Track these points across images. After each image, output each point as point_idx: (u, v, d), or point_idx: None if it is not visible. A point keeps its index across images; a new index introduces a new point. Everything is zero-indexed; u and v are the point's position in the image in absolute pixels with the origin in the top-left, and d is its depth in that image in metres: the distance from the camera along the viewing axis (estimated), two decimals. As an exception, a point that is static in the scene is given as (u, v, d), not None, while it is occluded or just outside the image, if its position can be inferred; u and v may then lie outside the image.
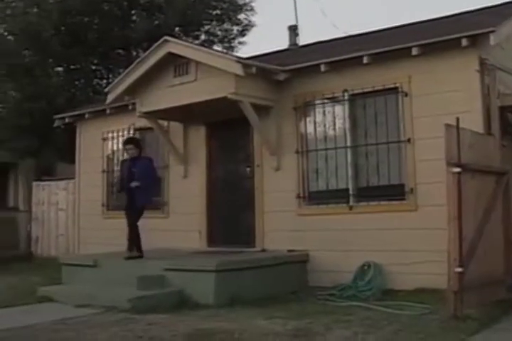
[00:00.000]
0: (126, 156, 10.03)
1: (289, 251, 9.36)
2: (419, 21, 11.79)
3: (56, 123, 13.94)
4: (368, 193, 8.98)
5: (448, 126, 6.59)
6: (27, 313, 7.68)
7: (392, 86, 8.78)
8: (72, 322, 6.96)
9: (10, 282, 10.97)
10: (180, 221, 10.99)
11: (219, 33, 19.54)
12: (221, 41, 19.51)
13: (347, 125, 9.23)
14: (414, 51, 8.34)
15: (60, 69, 17.79)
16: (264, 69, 9.42)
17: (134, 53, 17.86)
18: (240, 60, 9.13)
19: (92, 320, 7.07)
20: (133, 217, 9.15)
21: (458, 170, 6.48)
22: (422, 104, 8.48)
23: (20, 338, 6.15)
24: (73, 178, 13.94)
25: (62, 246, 14.58)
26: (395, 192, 8.71)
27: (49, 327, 6.66)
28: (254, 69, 9.09)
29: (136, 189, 8.96)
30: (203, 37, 19.37)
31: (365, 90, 8.99)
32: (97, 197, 12.77)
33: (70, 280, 9.28)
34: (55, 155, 16.61)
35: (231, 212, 10.55)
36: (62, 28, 17.18)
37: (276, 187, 9.84)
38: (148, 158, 9.60)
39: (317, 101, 9.55)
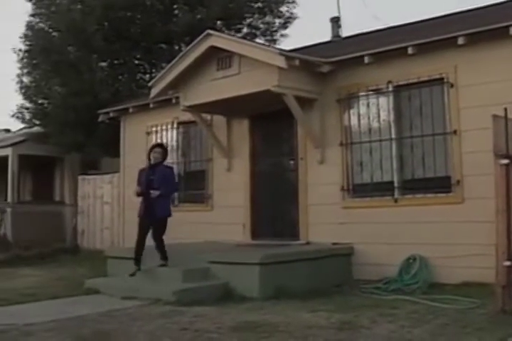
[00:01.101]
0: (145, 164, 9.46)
1: (334, 244, 9.33)
2: (464, 10, 11.60)
3: (101, 118, 14.14)
4: (414, 186, 8.89)
5: (496, 116, 6.48)
6: (74, 304, 7.84)
7: (437, 77, 8.66)
8: (118, 314, 7.06)
9: (57, 274, 11.21)
10: (224, 214, 11.06)
11: (261, 25, 19.47)
12: (263, 34, 19.46)
13: (391, 117, 9.13)
14: (460, 41, 8.21)
15: (103, 64, 17.94)
16: (307, 61, 9.38)
17: (177, 47, 17.93)
18: (283, 52, 9.12)
19: (138, 312, 7.15)
20: (157, 229, 8.73)
21: (506, 161, 6.37)
22: (468, 94, 8.35)
23: (67, 329, 6.24)
24: (118, 172, 14.12)
25: (107, 239, 14.79)
26: (441, 185, 8.60)
27: (95, 319, 6.77)
28: (297, 62, 9.06)
29: (155, 198, 8.61)
30: (245, 30, 19.34)
31: (410, 81, 8.90)
32: (142, 191, 12.84)
33: (116, 273, 9.39)
34: (100, 149, 16.82)
35: (275, 204, 10.57)
36: (106, 23, 17.34)
37: (320, 179, 9.81)
38: (169, 166, 9.26)
39: (361, 93, 9.47)
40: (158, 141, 12.54)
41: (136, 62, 18.52)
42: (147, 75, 18.30)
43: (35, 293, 8.73)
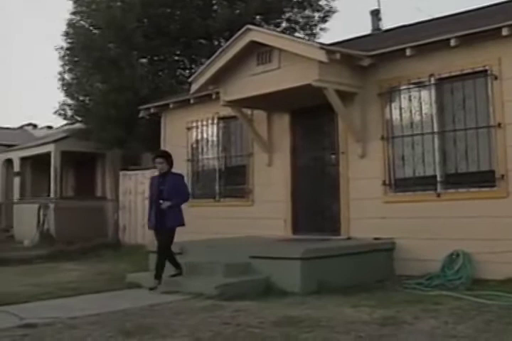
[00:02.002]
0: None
1: (375, 239, 9.27)
2: (507, 0, 11.37)
3: (141, 114, 14.28)
4: (457, 180, 8.77)
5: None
6: (116, 298, 7.96)
7: (480, 69, 8.52)
8: (160, 308, 7.13)
9: (99, 268, 11.38)
10: (265, 209, 11.07)
11: (300, 20, 19.41)
12: (302, 28, 19.39)
13: (434, 110, 9.02)
14: (505, 32, 8.06)
15: (144, 60, 18.10)
16: (347, 55, 9.32)
17: (216, 43, 17.97)
18: (323, 46, 9.07)
19: (180, 306, 7.20)
20: (164, 239, 8.45)
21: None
22: (513, 87, 8.21)
23: (110, 322, 6.31)
24: (158, 167, 14.19)
25: (149, 234, 14.84)
26: (485, 179, 8.46)
27: (138, 313, 6.85)
28: (338, 56, 9.00)
29: (168, 208, 8.40)
30: (284, 24, 19.30)
31: (453, 74, 8.76)
32: (182, 186, 12.93)
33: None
34: (141, 145, 16.98)
35: (316, 199, 10.54)
36: (145, 20, 17.49)
37: (361, 174, 9.75)
38: (179, 174, 8.89)
39: (402, 87, 9.37)
40: (199, 136, 12.67)
41: (176, 58, 18.65)
42: (187, 71, 18.40)
43: (78, 287, 8.89)
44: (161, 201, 8.38)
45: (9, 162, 22.54)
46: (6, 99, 76.70)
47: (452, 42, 8.51)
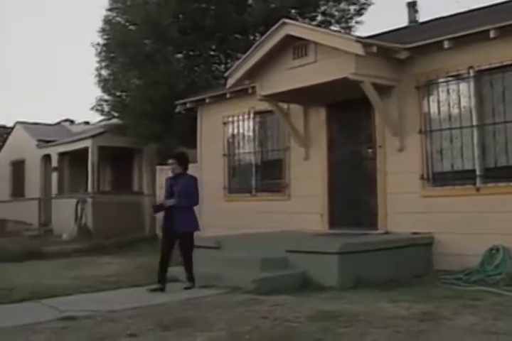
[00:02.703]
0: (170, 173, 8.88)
1: (413, 233, 9.18)
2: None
3: (177, 109, 14.36)
4: (496, 174, 8.62)
5: None
6: (154, 292, 8.00)
7: (521, 60, 8.37)
8: (197, 301, 7.18)
9: (137, 262, 11.48)
10: (302, 203, 11.05)
11: (336, 13, 19.26)
12: (338, 21, 19.23)
13: (473, 103, 8.87)
14: (546, 22, 7.90)
15: (179, 55, 18.16)
16: (384, 48, 9.23)
17: (251, 37, 17.95)
18: (360, 39, 9.00)
19: (217, 300, 7.24)
20: (180, 247, 8.25)
21: None
22: (555, 78, 8.04)
23: (148, 316, 6.36)
24: (195, 162, 14.27)
25: (186, 228, 14.97)
26: (525, 173, 8.33)
27: (175, 307, 6.90)
28: (374, 49, 8.92)
29: (176, 211, 8.08)
30: (319, 18, 19.16)
31: (492, 66, 8.61)
32: (219, 181, 13.06)
33: (195, 262, 9.45)
34: (177, 140, 17.05)
35: (353, 193, 10.48)
36: (181, 15, 17.55)
37: (398, 168, 9.65)
38: (193, 176, 8.61)
39: (440, 80, 9.25)
40: (235, 130, 12.70)
41: (212, 53, 18.64)
42: (222, 66, 18.40)
43: (117, 281, 8.99)
44: (166, 200, 8.25)
45: (47, 157, 22.88)
46: (44, 95, 77.85)
47: (491, 34, 8.36)
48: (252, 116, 12.45)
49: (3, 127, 41.29)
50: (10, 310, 6.96)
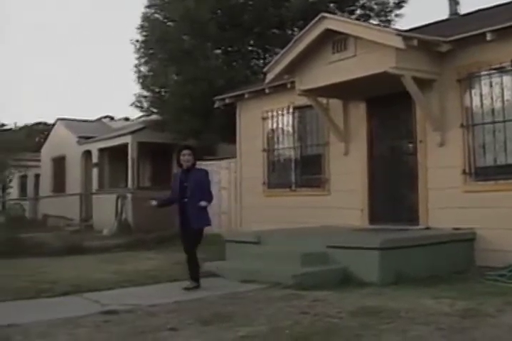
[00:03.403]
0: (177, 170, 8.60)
1: (455, 229, 9.06)
2: None
3: (216, 104, 14.41)
4: (541, 168, 8.46)
5: None
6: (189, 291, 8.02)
7: None
8: (238, 297, 7.19)
9: (176, 257, 11.46)
10: (342, 198, 11.01)
11: (375, 6, 19.05)
12: (377, 15, 19.03)
13: (517, 96, 8.71)
14: None
15: (218, 51, 18.19)
16: (425, 41, 9.09)
17: (290, 32, 17.88)
18: (400, 32, 8.90)
19: (257, 295, 7.25)
20: (190, 242, 7.96)
21: None
22: None
23: (188, 310, 6.41)
24: (234, 157, 14.32)
25: (225, 223, 15.04)
26: None
27: (215, 301, 6.94)
28: (415, 42, 8.80)
29: (191, 208, 7.73)
30: (358, 12, 18.99)
31: (537, 58, 8.44)
32: (258, 176, 13.09)
33: (234, 257, 9.57)
34: (216, 135, 17.11)
35: (393, 189, 10.39)
36: (219, 11, 17.56)
37: (440, 163, 9.52)
38: (203, 170, 8.33)
39: (483, 73, 9.07)
40: (275, 126, 12.69)
41: (250, 48, 18.62)
42: (261, 61, 18.36)
43: (156, 276, 9.06)
44: (201, 203, 7.76)
45: (88, 153, 23.16)
46: (84, 92, 78.84)
47: (535, 25, 8.19)
48: (291, 111, 12.43)
49: (44, 124, 42.05)
50: (53, 304, 7.07)
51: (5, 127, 32.78)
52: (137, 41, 18.70)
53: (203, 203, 7.74)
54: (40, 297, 7.44)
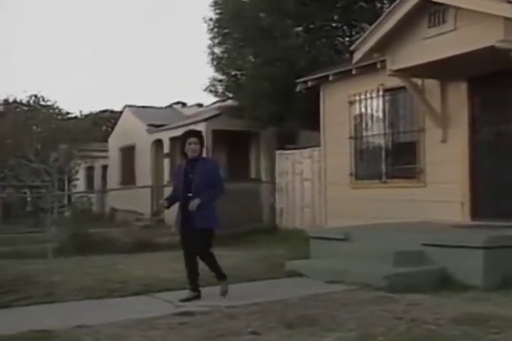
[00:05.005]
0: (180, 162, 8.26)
1: None
2: None
3: (298, 88, 14.37)
4: None
5: None
6: (275, 287, 8.10)
7: None
8: (324, 298, 7.15)
9: (255, 255, 11.58)
10: (439, 190, 10.78)
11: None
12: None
13: None
14: None
15: (298, 29, 18.10)
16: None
17: (379, 5, 17.65)
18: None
19: (345, 297, 7.18)
20: (196, 244, 7.36)
21: None
22: None
23: (270, 312, 6.40)
24: (318, 146, 14.25)
25: (308, 218, 15.01)
26: None
27: (299, 303, 6.91)
28: (529, 9, 8.46)
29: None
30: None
31: None
32: (345, 166, 12.99)
33: (319, 255, 9.53)
34: (298, 122, 17.05)
35: (499, 180, 10.08)
36: (298, -16, 17.47)
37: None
38: (212, 161, 7.85)
39: None
40: (363, 110, 12.55)
41: (334, 24, 18.45)
42: (346, 39, 18.19)
43: (234, 275, 9.02)
44: (189, 194, 7.28)
45: (159, 143, 23.48)
46: (154, 76, 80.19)
47: None
48: (381, 93, 12.27)
49: (111, 111, 42.98)
50: (124, 304, 7.19)
51: (69, 115, 33.65)
52: (210, 20, 18.77)
53: (191, 205, 7.17)
54: (111, 296, 7.60)
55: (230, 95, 19.22)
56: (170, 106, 29.74)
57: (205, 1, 36.35)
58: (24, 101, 29.50)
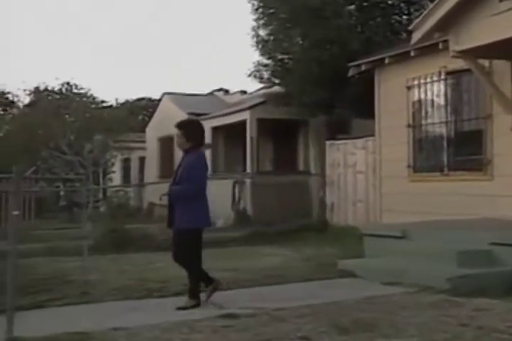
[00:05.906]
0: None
1: None
2: None
3: (351, 72, 14.34)
4: None
5: None
6: (327, 288, 8.08)
7: None
8: (380, 301, 7.10)
9: (304, 253, 11.59)
10: (508, 184, 10.61)
11: None
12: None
13: None
14: None
15: (351, 7, 17.92)
16: None
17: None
18: None
19: (403, 300, 7.13)
20: (177, 247, 7.26)
21: None
22: None
23: (321, 316, 6.36)
24: (372, 135, 14.16)
25: (361, 213, 14.90)
26: None
27: (353, 306, 6.87)
28: None
29: (176, 202, 7.23)
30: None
31: None
32: (402, 157, 12.92)
33: (374, 254, 9.50)
34: (350, 109, 16.92)
35: None
36: (350, -42, 17.32)
37: None
38: (196, 153, 7.37)
39: None
40: (422, 96, 12.40)
41: (390, 2, 18.24)
42: (404, 17, 17.92)
43: (282, 274, 9.12)
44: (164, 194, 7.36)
45: (200, 132, 23.48)
46: (194, 62, 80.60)
47: None
48: (443, 77, 12.14)
49: (149, 99, 43.33)
50: (164, 305, 7.20)
51: (104, 104, 33.98)
52: (255, -1, 18.72)
53: (162, 198, 7.30)
54: (150, 297, 7.68)
55: (276, 81, 19.11)
56: (211, 93, 29.77)
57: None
58: (56, 90, 29.88)
